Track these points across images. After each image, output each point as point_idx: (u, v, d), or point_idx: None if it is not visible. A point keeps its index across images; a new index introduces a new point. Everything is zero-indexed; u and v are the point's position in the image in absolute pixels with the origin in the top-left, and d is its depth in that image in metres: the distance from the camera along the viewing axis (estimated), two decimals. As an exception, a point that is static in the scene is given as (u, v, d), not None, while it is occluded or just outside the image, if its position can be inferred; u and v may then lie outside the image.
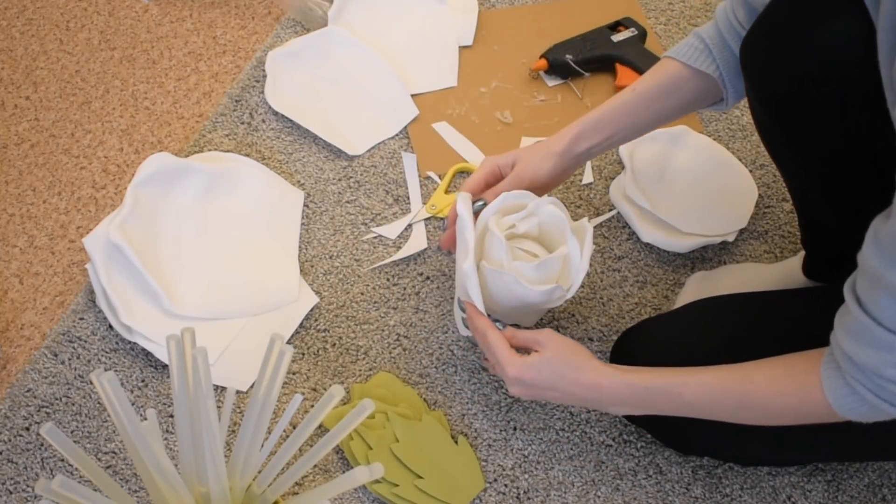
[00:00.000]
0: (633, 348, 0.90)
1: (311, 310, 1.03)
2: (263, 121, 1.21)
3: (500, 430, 0.94)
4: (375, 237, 1.10)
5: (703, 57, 0.84)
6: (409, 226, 1.11)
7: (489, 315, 0.84)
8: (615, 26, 1.30)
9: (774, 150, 0.83)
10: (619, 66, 1.25)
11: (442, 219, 1.12)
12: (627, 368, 0.78)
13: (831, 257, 0.92)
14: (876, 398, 0.63)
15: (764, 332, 0.82)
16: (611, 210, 1.13)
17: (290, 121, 1.20)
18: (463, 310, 0.88)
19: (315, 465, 0.91)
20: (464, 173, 1.17)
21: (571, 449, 0.93)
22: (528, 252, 0.87)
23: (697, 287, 1.03)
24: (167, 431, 0.93)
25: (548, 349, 0.79)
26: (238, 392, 0.96)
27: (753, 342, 0.80)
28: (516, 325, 0.86)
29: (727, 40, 0.83)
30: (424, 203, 1.12)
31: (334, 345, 1.01)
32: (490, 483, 0.91)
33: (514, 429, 0.95)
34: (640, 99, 0.89)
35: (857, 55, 0.65)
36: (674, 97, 0.88)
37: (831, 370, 0.66)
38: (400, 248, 1.09)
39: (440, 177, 1.16)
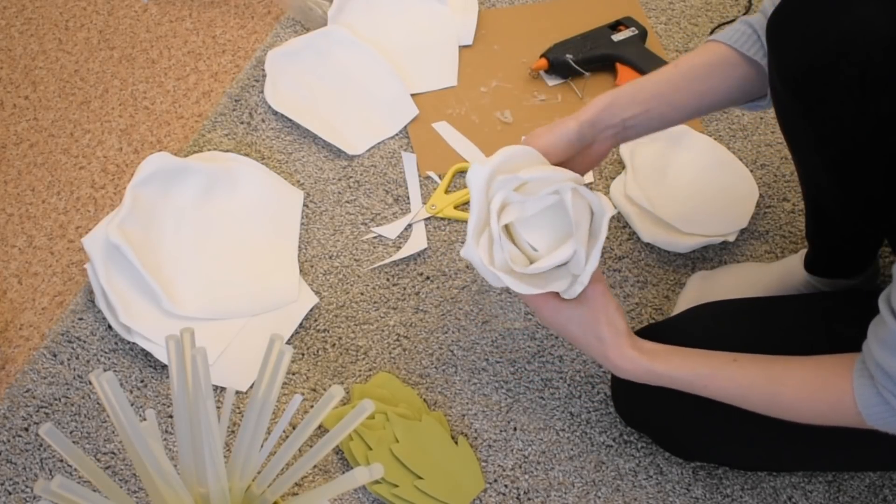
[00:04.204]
0: None
1: (311, 310, 1.03)
2: (263, 120, 1.21)
3: (500, 431, 0.94)
4: (375, 237, 1.09)
5: (752, 42, 0.80)
6: (409, 226, 1.10)
7: None
8: (616, 26, 1.30)
9: (789, 128, 0.81)
10: (619, 66, 1.25)
11: (442, 219, 1.11)
12: (652, 350, 0.75)
13: (834, 249, 0.91)
14: None
15: (767, 337, 0.82)
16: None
17: (290, 120, 1.20)
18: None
19: (315, 466, 0.90)
20: (464, 173, 1.17)
21: (572, 449, 0.93)
22: (524, 251, 0.76)
23: (698, 287, 1.03)
24: (166, 432, 0.93)
25: (588, 308, 0.75)
26: (238, 392, 0.96)
27: (756, 348, 0.80)
28: None
29: None
30: (424, 203, 1.12)
31: (334, 345, 1.00)
32: (490, 483, 0.91)
33: (514, 429, 0.94)
34: (683, 75, 0.82)
35: (883, 39, 0.65)
36: (717, 79, 0.82)
37: (863, 378, 0.65)
38: (400, 248, 1.08)
39: (440, 177, 1.15)
